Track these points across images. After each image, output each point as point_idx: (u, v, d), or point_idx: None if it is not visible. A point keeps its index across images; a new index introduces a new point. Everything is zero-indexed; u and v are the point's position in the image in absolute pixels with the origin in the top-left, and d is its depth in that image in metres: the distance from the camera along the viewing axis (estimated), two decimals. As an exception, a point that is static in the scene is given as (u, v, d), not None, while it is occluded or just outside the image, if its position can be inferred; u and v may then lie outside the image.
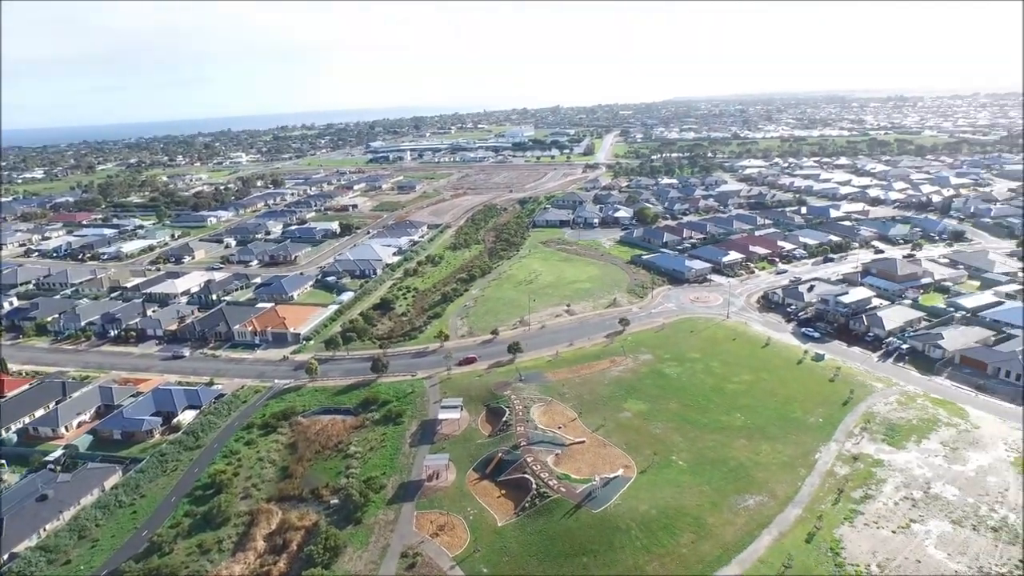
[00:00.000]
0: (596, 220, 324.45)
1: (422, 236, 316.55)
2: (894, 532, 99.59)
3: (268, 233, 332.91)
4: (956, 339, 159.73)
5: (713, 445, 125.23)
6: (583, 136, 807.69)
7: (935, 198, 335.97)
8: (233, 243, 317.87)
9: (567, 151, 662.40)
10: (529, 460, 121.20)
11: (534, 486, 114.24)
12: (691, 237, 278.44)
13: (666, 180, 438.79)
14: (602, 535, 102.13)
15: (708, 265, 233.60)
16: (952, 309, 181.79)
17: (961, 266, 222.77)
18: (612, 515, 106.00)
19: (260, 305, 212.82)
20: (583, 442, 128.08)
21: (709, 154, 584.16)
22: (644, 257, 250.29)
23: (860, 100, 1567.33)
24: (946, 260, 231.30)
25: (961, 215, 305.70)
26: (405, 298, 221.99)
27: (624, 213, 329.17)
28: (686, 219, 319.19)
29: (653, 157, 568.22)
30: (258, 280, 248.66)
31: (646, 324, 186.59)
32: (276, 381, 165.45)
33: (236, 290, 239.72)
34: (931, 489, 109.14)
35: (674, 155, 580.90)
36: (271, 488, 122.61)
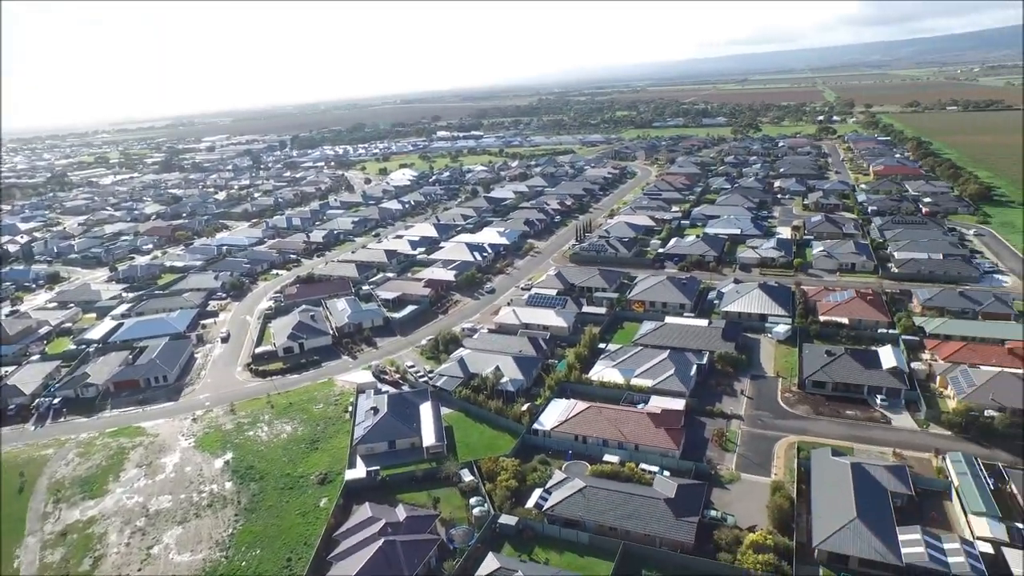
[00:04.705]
0: None
1: None
2: (139, 570, 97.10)
3: None
4: (103, 370, 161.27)
5: None
6: None
7: (12, 248, 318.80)
8: None
9: None
10: None
11: None
12: None
13: None
14: None
15: None
16: (84, 346, 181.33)
17: (72, 304, 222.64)
18: None
19: None
20: None
21: None
22: None
23: None
24: (53, 304, 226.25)
25: (48, 257, 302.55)
26: None
27: None
28: None
29: None
30: None
31: None
32: None
33: None
34: (151, 509, 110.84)
35: None
36: None
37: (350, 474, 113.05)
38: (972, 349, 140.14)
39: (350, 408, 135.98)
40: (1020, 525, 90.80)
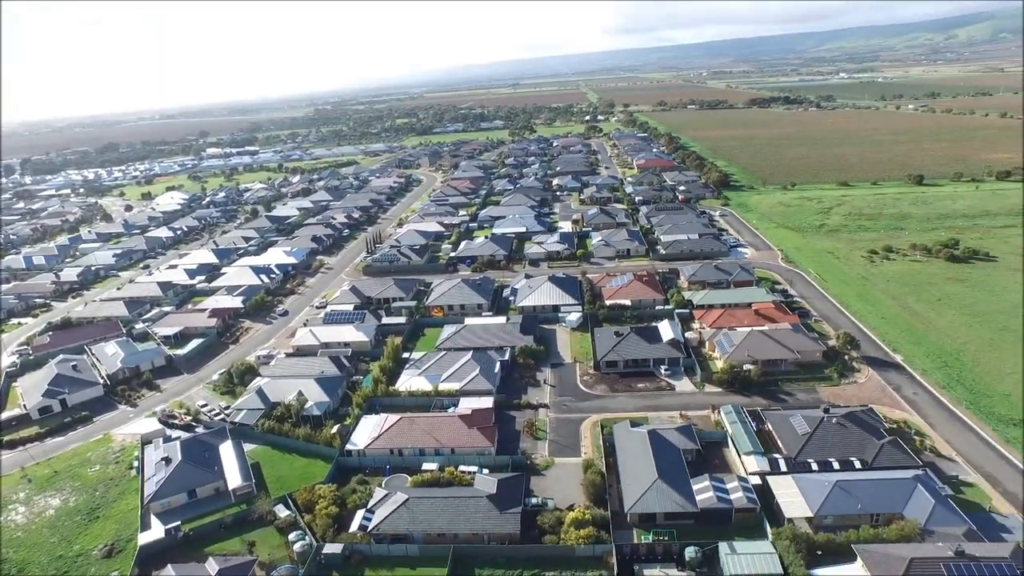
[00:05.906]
0: None
1: None
2: None
3: None
4: None
5: None
6: None
7: None
8: None
9: None
10: None
11: None
12: None
13: None
14: None
15: None
16: None
17: None
18: None
19: None
20: None
21: None
22: None
23: None
24: None
25: None
26: None
27: None
28: None
29: None
30: None
31: None
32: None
33: None
34: None
35: None
36: None
37: (144, 538, 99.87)
38: (730, 314, 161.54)
39: (135, 463, 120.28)
40: (777, 456, 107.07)
